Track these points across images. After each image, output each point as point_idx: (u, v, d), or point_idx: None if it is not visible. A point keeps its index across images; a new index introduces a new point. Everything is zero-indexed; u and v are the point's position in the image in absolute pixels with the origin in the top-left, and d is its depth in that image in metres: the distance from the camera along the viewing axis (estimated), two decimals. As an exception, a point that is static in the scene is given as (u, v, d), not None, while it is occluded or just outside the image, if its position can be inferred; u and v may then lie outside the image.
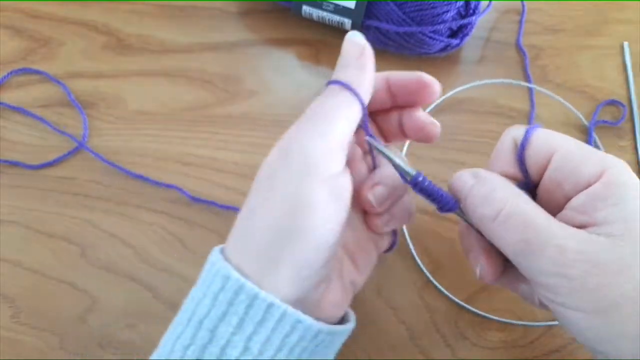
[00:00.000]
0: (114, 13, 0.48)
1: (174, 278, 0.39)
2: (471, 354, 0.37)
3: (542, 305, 0.29)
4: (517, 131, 0.29)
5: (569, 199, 0.26)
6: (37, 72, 0.45)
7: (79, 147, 0.42)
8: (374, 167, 0.32)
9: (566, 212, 0.26)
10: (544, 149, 0.27)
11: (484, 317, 0.38)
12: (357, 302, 0.38)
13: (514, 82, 0.45)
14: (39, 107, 0.44)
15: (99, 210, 0.41)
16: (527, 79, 0.46)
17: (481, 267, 0.29)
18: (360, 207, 0.31)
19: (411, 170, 0.28)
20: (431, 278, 0.39)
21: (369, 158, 0.32)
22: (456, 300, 0.38)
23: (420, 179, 0.28)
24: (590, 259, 0.24)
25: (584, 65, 0.47)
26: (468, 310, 0.38)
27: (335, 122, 0.27)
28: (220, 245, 0.27)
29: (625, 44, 0.47)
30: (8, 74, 0.45)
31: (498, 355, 0.37)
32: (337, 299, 0.29)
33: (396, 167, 0.28)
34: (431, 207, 0.40)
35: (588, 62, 0.47)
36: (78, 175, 0.42)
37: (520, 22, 0.48)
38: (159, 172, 0.42)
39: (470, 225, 0.29)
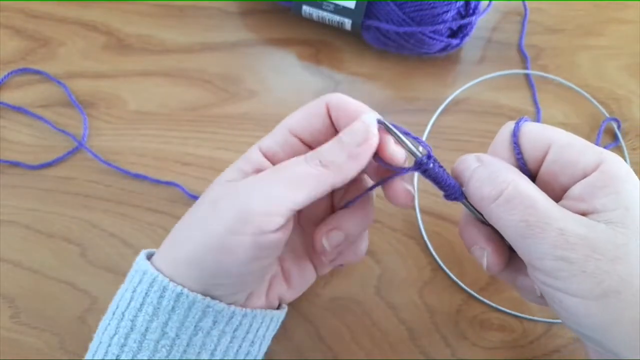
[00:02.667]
0: (114, 13, 0.48)
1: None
2: (471, 354, 0.37)
3: (539, 299, 0.29)
4: (512, 124, 0.29)
5: (565, 189, 0.27)
6: (37, 72, 0.45)
7: (79, 147, 0.42)
8: (337, 207, 0.32)
9: (564, 201, 0.26)
10: (540, 140, 0.28)
11: (494, 308, 0.38)
12: (357, 302, 0.38)
13: (517, 71, 0.45)
14: (39, 107, 0.44)
15: (99, 210, 0.41)
16: (528, 81, 0.46)
17: (488, 256, 0.29)
18: (303, 230, 0.33)
19: (419, 153, 0.28)
20: (445, 267, 0.39)
21: (336, 194, 0.32)
22: (469, 290, 0.38)
23: (425, 161, 0.28)
24: (590, 244, 0.24)
25: (584, 65, 0.47)
26: (479, 300, 0.38)
27: (294, 192, 0.26)
28: (148, 250, 0.30)
29: None
30: (8, 74, 0.45)
31: (498, 356, 0.37)
32: (259, 305, 0.31)
33: (405, 148, 0.28)
34: (432, 206, 0.41)
35: (588, 62, 0.47)
36: (78, 175, 0.42)
37: (523, 24, 0.48)
38: (159, 172, 0.42)
39: (474, 213, 0.29)
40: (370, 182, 0.31)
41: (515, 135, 0.28)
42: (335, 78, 0.46)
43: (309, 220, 0.33)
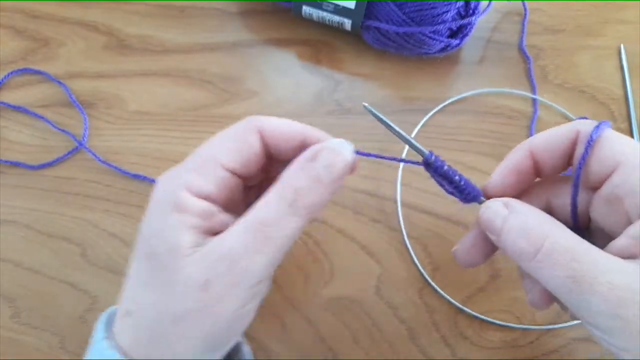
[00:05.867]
0: (115, 13, 0.48)
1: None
2: (470, 354, 0.37)
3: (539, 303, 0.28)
4: (584, 125, 0.26)
5: (628, 216, 0.25)
6: (37, 72, 0.45)
7: (79, 147, 0.42)
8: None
9: (623, 239, 0.24)
10: (609, 157, 0.25)
11: (482, 319, 0.38)
12: (357, 302, 0.38)
13: (516, 91, 0.45)
14: (40, 107, 0.44)
15: (99, 210, 0.41)
16: (530, 81, 0.46)
17: (532, 294, 0.27)
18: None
19: (424, 150, 0.27)
20: (430, 280, 0.39)
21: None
22: (455, 302, 0.38)
23: (433, 158, 0.26)
24: None
25: (583, 65, 0.47)
26: (466, 312, 0.38)
27: (279, 250, 0.25)
28: (107, 313, 0.27)
29: (622, 46, 0.47)
30: (8, 74, 0.45)
31: (497, 355, 0.37)
32: None
33: (410, 145, 0.26)
34: (431, 206, 0.41)
35: (587, 62, 0.47)
36: (78, 175, 0.42)
37: (523, 25, 0.48)
38: (159, 172, 0.42)
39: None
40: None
41: (589, 144, 0.25)
42: (335, 78, 0.46)
43: None
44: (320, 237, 0.40)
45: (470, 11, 0.43)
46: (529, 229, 0.24)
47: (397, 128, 0.27)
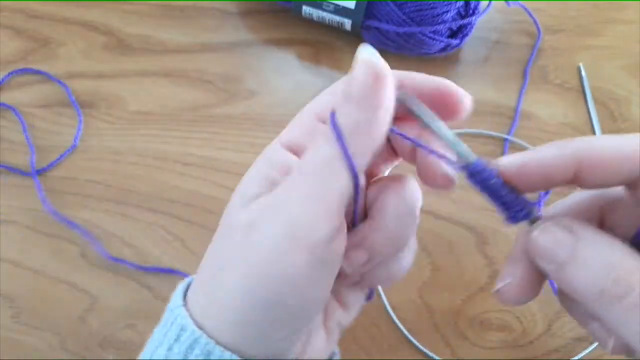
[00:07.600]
0: (115, 13, 0.48)
1: (173, 278, 0.39)
2: (471, 354, 0.37)
3: (616, 350, 0.22)
4: None
5: None
6: (37, 72, 0.45)
7: (32, 174, 0.42)
8: (354, 222, 0.23)
9: None
10: None
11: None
12: (357, 302, 0.38)
13: (488, 133, 0.45)
14: (40, 107, 0.44)
15: (99, 210, 0.41)
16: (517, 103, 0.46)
17: (511, 280, 0.22)
18: None
19: (471, 155, 0.21)
20: (408, 335, 0.39)
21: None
22: (435, 357, 0.38)
23: (480, 169, 0.21)
24: None
25: (583, 65, 0.47)
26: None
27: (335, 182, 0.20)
28: (185, 282, 0.25)
29: (581, 65, 0.46)
30: (8, 74, 0.45)
31: (498, 355, 0.37)
32: (320, 346, 0.25)
33: (452, 147, 0.22)
34: (431, 206, 0.41)
35: (587, 62, 0.47)
36: (78, 175, 0.42)
37: (535, 46, 0.48)
38: (159, 172, 0.42)
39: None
40: None
41: None
42: (335, 78, 0.46)
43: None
44: (320, 237, 0.40)
45: (470, 11, 0.43)
46: (613, 265, 0.19)
47: (438, 123, 0.23)
